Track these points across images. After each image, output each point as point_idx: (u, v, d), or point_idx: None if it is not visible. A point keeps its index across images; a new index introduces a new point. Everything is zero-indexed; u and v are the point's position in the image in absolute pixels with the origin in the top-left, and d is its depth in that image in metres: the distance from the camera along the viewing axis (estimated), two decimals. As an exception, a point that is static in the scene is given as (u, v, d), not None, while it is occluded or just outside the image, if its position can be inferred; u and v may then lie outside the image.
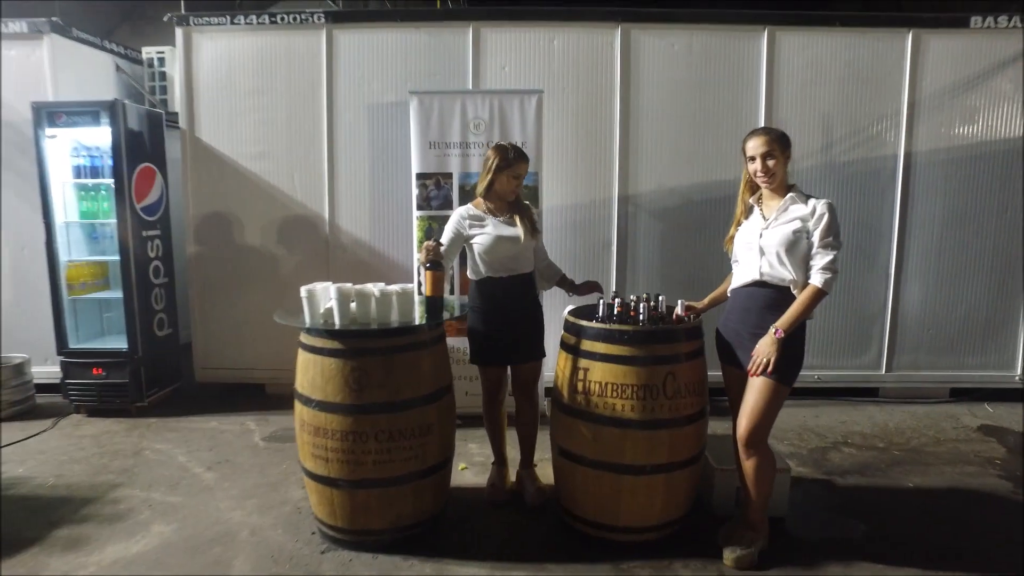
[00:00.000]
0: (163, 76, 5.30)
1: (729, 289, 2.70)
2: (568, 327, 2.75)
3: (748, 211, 2.67)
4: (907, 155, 4.44)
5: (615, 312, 2.69)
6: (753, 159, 2.55)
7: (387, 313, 2.60)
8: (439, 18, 4.45)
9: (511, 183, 2.93)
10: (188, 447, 3.79)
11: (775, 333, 2.43)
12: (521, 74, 4.43)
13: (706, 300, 2.83)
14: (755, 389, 2.48)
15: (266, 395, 4.61)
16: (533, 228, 3.01)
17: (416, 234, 4.19)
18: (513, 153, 2.92)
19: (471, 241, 2.96)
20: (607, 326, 2.58)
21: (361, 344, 2.57)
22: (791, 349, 2.46)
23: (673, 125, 4.45)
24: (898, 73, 4.40)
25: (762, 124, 4.40)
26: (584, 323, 2.65)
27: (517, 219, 2.96)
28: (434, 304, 2.71)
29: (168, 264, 4.69)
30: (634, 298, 2.76)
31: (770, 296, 2.51)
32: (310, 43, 4.46)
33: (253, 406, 4.45)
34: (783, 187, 2.56)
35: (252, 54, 4.48)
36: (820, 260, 2.43)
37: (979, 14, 4.38)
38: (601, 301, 2.75)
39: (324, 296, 2.61)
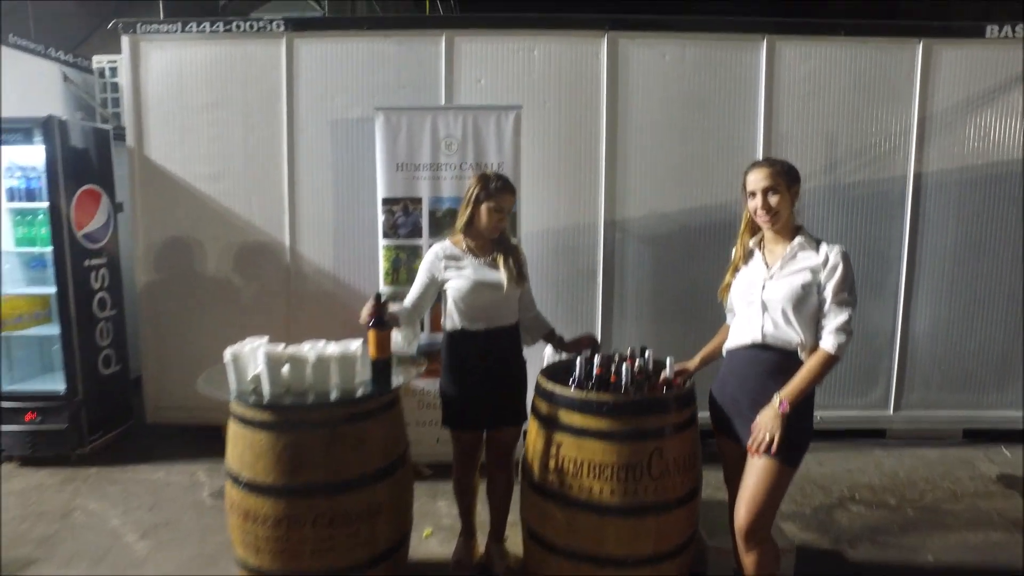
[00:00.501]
0: (116, 87, 4.92)
1: (725, 348, 2.34)
2: (540, 392, 2.38)
3: (747, 255, 2.31)
4: (917, 176, 4.08)
5: (594, 374, 2.33)
6: (753, 195, 2.18)
7: (325, 380, 2.23)
8: (409, 26, 4.08)
9: (493, 217, 2.52)
10: (126, 505, 3.41)
11: (779, 406, 2.07)
12: (498, 87, 4.06)
13: (698, 358, 2.47)
14: (755, 471, 2.11)
15: (222, 439, 4.21)
16: (520, 274, 2.60)
17: (383, 264, 3.82)
18: (496, 183, 2.53)
19: (445, 285, 2.58)
20: (583, 395, 2.21)
21: (295, 417, 2.20)
22: (797, 424, 2.10)
23: (665, 143, 4.09)
24: (907, 86, 4.04)
25: (761, 140, 4.06)
26: (557, 389, 2.28)
27: (501, 262, 2.56)
28: (381, 368, 2.33)
29: (116, 295, 4.30)
30: (617, 356, 2.40)
31: (773, 361, 2.14)
32: (269, 53, 4.07)
33: (207, 452, 4.05)
34: (789, 229, 2.20)
35: (205, 65, 4.09)
36: (833, 320, 2.07)
37: (995, 23, 4.03)
38: (578, 359, 2.38)
39: (252, 359, 2.24)
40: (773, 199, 2.14)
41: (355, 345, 2.30)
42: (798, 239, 2.15)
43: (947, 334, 4.23)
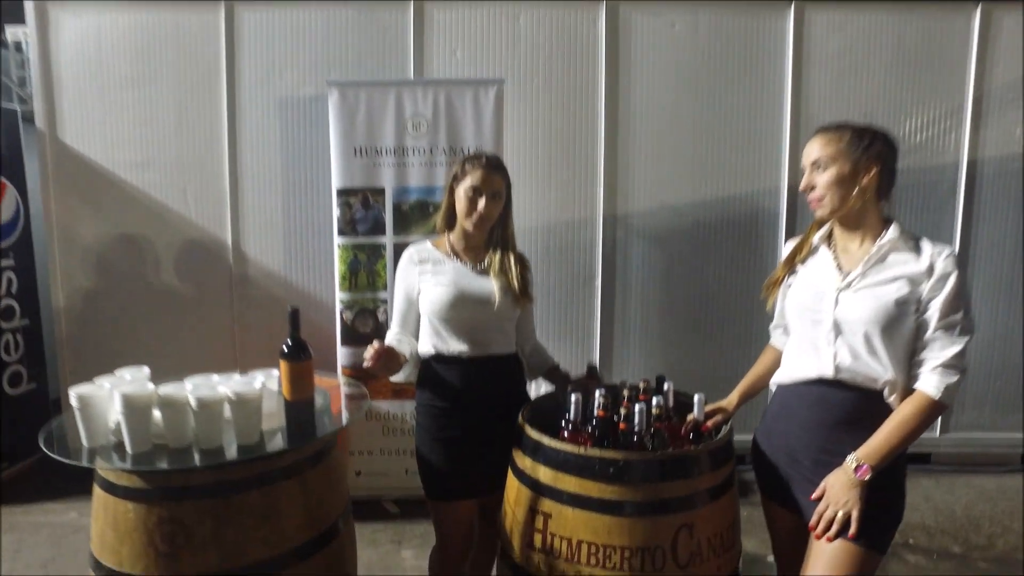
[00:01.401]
0: (38, 64, 4.26)
1: (776, 381, 1.71)
2: (521, 442, 1.74)
3: (811, 251, 1.68)
4: (972, 163, 3.48)
5: (594, 416, 1.69)
6: (804, 171, 1.60)
7: (215, 431, 1.59)
8: (372, -12, 3.46)
9: (473, 203, 1.85)
10: (13, 563, 2.76)
11: (856, 471, 1.44)
12: (478, 60, 3.45)
13: (736, 394, 1.84)
14: (826, 561, 1.48)
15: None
16: (523, 290, 1.94)
17: (338, 267, 3.19)
18: (476, 160, 1.89)
19: (419, 297, 1.92)
20: (581, 451, 1.57)
21: (171, 482, 1.56)
22: (883, 495, 1.48)
23: (674, 125, 3.48)
24: (961, 60, 3.44)
25: (787, 122, 3.46)
26: (545, 440, 1.64)
27: (495, 268, 1.92)
28: (299, 413, 1.69)
29: (30, 302, 3.67)
30: (626, 391, 1.76)
31: (849, 404, 1.52)
32: (205, 22, 3.43)
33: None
34: (872, 220, 1.57)
35: (130, 35, 3.44)
36: (940, 352, 1.44)
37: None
38: (573, 396, 1.74)
39: (112, 403, 1.60)
40: (819, 178, 1.54)
41: (259, 382, 1.66)
42: (890, 234, 1.52)
43: (1004, 344, 3.63)
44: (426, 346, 1.94)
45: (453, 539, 1.98)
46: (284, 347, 1.65)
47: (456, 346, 1.89)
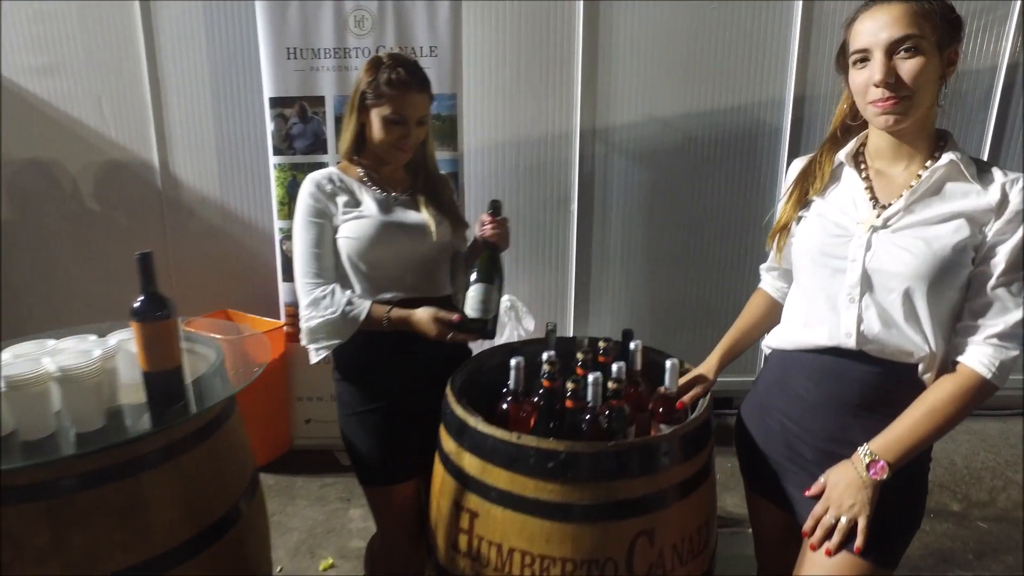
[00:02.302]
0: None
1: (771, 343, 1.34)
2: (448, 419, 1.40)
3: (830, 177, 1.26)
4: (1012, 67, 2.99)
5: (540, 388, 1.34)
6: (864, 59, 1.10)
7: (40, 419, 1.23)
8: None
9: (396, 134, 1.50)
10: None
11: (870, 468, 1.10)
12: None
13: (715, 358, 1.46)
14: (823, 573, 1.17)
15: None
16: (456, 218, 1.66)
17: (275, 191, 2.78)
18: (392, 72, 1.49)
19: (337, 233, 1.54)
20: (512, 438, 1.22)
21: (-11, 481, 1.22)
22: (901, 495, 1.15)
23: (664, 23, 2.96)
24: (1011, -62, 2.90)
25: (798, 22, 2.94)
26: (470, 421, 1.29)
27: (422, 196, 1.61)
28: (163, 384, 1.32)
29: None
30: (580, 353, 1.40)
31: (871, 381, 1.16)
32: None
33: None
34: (926, 134, 1.14)
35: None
36: (998, 317, 1.07)
37: None
38: (513, 363, 1.38)
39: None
40: (908, 64, 1.05)
41: (103, 348, 1.28)
42: (948, 156, 1.10)
43: None
44: None
45: (394, 529, 1.68)
46: (135, 303, 1.27)
47: (385, 294, 1.54)
